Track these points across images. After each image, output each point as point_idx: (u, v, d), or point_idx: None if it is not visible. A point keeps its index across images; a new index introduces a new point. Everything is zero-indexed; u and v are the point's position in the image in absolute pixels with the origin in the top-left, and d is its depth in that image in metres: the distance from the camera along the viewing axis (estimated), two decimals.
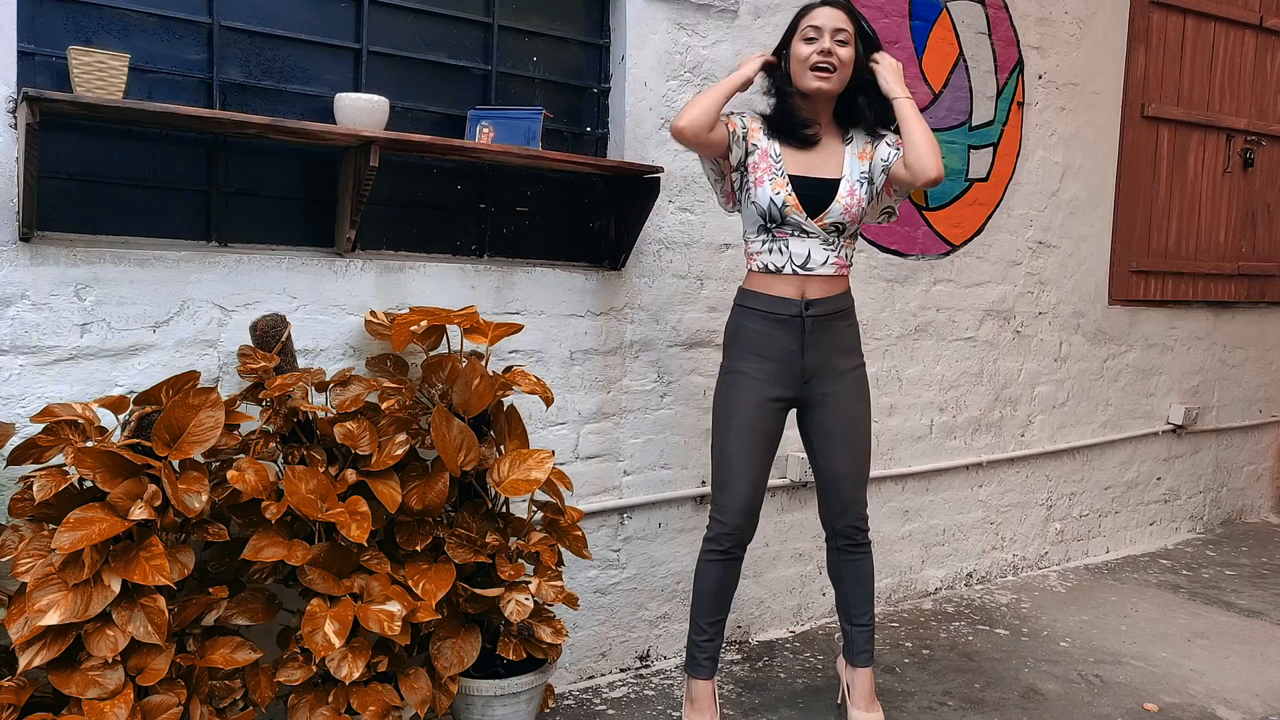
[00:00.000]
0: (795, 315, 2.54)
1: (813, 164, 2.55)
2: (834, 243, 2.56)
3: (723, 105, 2.46)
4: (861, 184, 2.56)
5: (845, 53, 2.48)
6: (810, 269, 2.54)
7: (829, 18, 2.48)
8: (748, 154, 2.55)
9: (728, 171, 2.60)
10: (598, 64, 3.03)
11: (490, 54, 2.83)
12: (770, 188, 2.51)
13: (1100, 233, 4.35)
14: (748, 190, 2.56)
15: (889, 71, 2.54)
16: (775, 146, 2.55)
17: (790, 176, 2.51)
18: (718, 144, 2.51)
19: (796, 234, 2.53)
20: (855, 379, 2.63)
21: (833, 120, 2.60)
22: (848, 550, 2.70)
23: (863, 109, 2.57)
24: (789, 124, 2.55)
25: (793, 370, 2.57)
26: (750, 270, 2.62)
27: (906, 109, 2.50)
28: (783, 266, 2.55)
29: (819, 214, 2.51)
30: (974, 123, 3.84)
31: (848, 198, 2.52)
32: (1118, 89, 4.34)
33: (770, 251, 2.56)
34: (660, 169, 2.86)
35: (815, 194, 2.51)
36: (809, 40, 2.48)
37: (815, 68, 2.47)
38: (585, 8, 3.00)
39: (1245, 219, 4.95)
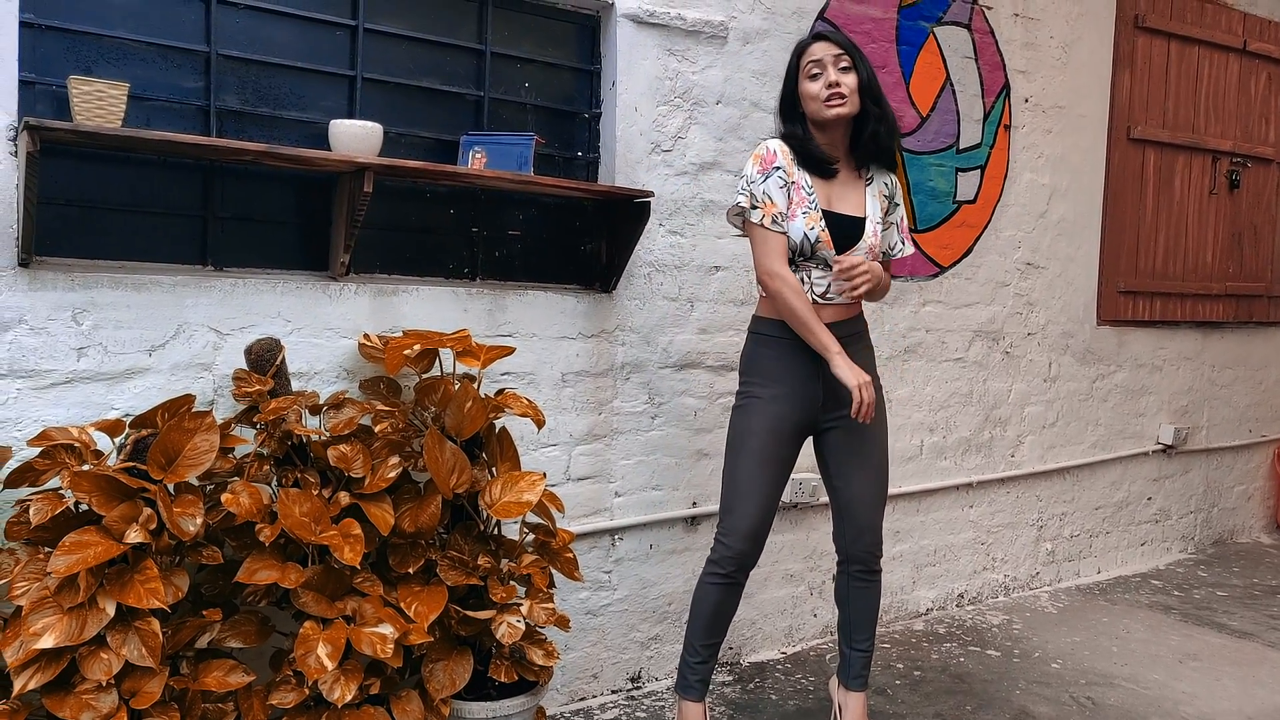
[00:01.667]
0: None
1: (837, 198, 2.57)
2: None
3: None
4: (882, 225, 2.61)
5: (850, 79, 2.51)
6: (829, 298, 2.56)
7: (826, 50, 2.52)
8: (789, 194, 2.53)
9: None
10: (589, 89, 3.07)
11: (483, 80, 2.87)
12: (805, 222, 2.50)
13: (1088, 254, 4.39)
14: (788, 224, 2.52)
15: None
16: (806, 178, 2.54)
17: (824, 212, 2.52)
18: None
19: (819, 266, 2.55)
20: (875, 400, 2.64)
21: (849, 151, 2.60)
22: (860, 576, 2.70)
23: (876, 141, 2.57)
24: (815, 159, 2.55)
25: (810, 395, 2.58)
26: (763, 297, 2.61)
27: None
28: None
29: (845, 250, 2.53)
30: (961, 145, 3.89)
31: (873, 238, 2.56)
32: (1103, 112, 4.39)
33: None
34: (650, 193, 2.89)
35: (844, 231, 2.53)
36: (814, 77, 2.51)
37: (829, 99, 2.49)
38: (576, 34, 3.04)
39: (1232, 240, 5.00)
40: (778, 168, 2.51)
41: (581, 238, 3.06)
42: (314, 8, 2.60)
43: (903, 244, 2.73)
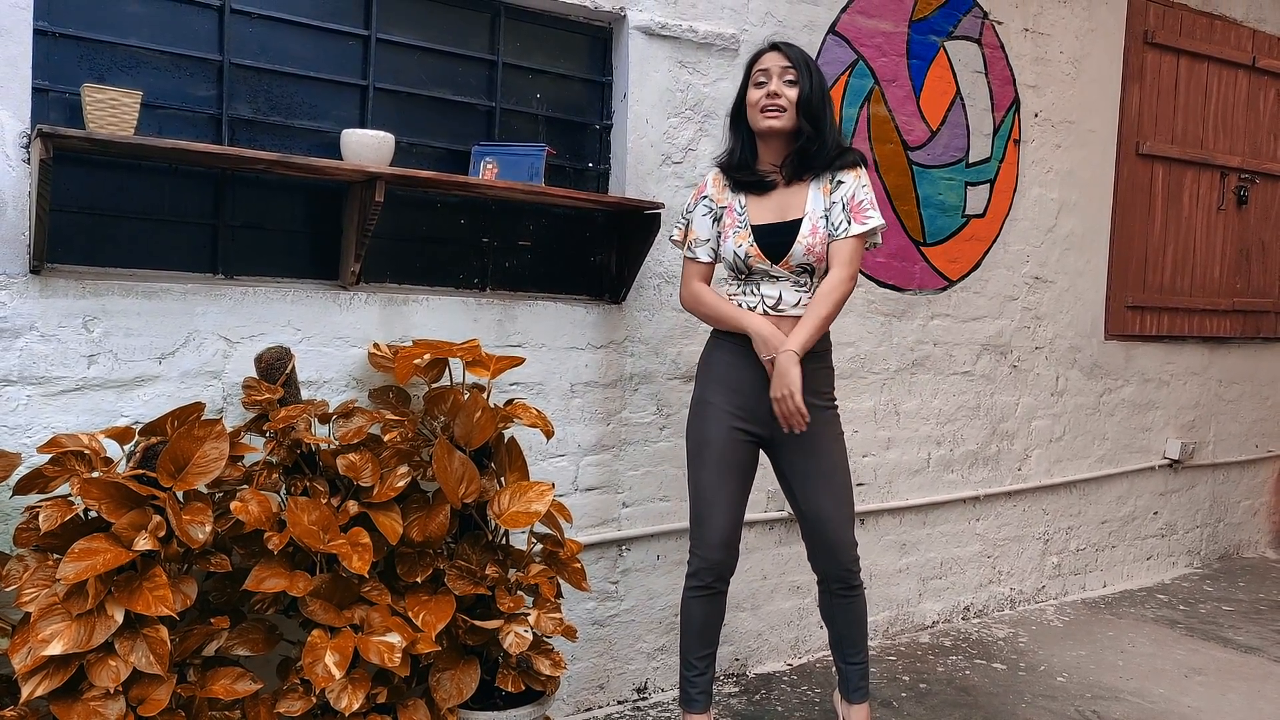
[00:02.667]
0: None
1: (778, 208, 2.58)
2: (806, 284, 2.58)
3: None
4: (825, 220, 2.57)
5: (793, 92, 2.53)
6: (782, 310, 2.57)
7: (774, 60, 2.55)
8: (719, 219, 2.63)
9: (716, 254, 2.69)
10: (600, 101, 3.08)
11: (494, 91, 2.88)
12: (733, 241, 2.57)
13: (1096, 268, 4.39)
14: (722, 245, 2.63)
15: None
16: (740, 200, 2.61)
17: (753, 226, 2.56)
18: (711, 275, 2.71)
19: (766, 279, 2.57)
20: (827, 419, 2.62)
21: (793, 159, 2.59)
22: (840, 594, 2.69)
23: (803, 158, 2.56)
24: (746, 172, 2.60)
25: (761, 406, 2.58)
26: None
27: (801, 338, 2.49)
28: (755, 307, 2.58)
29: (782, 258, 2.54)
30: (971, 159, 3.89)
31: (810, 237, 2.53)
32: (1113, 127, 4.40)
33: (744, 293, 2.61)
34: (661, 205, 2.90)
35: (777, 240, 2.54)
36: (759, 85, 2.55)
37: (765, 109, 2.53)
38: (588, 46, 3.05)
39: (1240, 255, 4.99)
40: (705, 197, 2.66)
41: (592, 249, 3.07)
42: (327, 17, 2.61)
43: (849, 224, 2.52)
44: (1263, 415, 5.27)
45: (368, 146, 2.47)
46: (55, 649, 1.87)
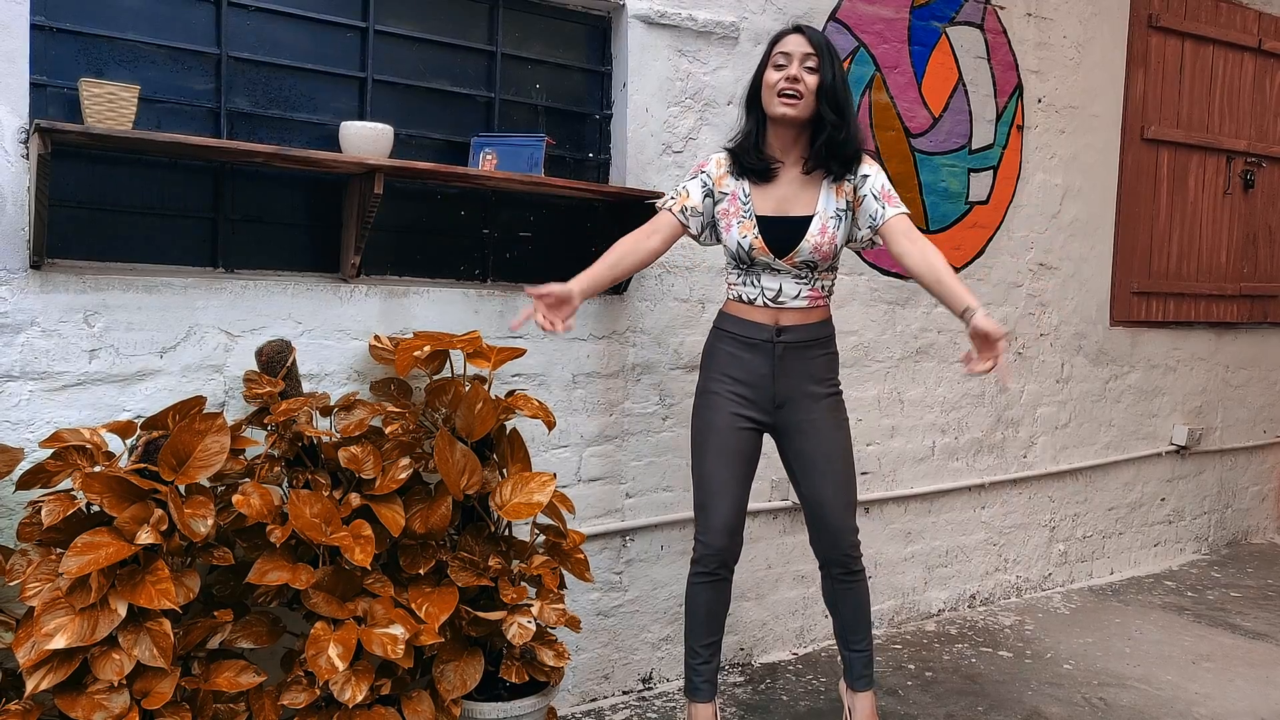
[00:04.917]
0: (767, 340, 2.56)
1: (784, 201, 2.55)
2: (807, 277, 2.57)
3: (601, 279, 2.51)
4: (837, 220, 2.54)
5: (812, 80, 2.49)
6: (782, 302, 2.57)
7: (798, 44, 2.50)
8: (716, 201, 2.59)
9: (701, 232, 2.65)
10: (600, 91, 3.07)
11: (493, 81, 2.87)
12: (738, 231, 2.54)
13: (1101, 254, 4.37)
14: (719, 233, 2.62)
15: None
16: (744, 187, 2.57)
17: (759, 218, 2.53)
18: (670, 239, 2.59)
19: (768, 271, 2.56)
20: (830, 406, 2.62)
21: (806, 152, 2.56)
22: (842, 579, 2.69)
23: (830, 149, 2.51)
24: (752, 157, 2.55)
25: (764, 394, 2.59)
26: (728, 297, 2.65)
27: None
28: (755, 299, 2.58)
29: (787, 254, 2.52)
30: (974, 146, 3.88)
31: (818, 236, 2.51)
32: (1117, 112, 4.37)
33: (744, 284, 2.60)
34: (662, 194, 2.88)
35: (784, 234, 2.52)
36: (778, 67, 2.50)
37: (782, 94, 2.48)
38: (587, 35, 3.04)
39: (1246, 240, 4.97)
40: (703, 173, 2.62)
41: (593, 239, 3.06)
42: (324, 9, 2.61)
43: (883, 208, 2.51)
44: (1270, 401, 5.25)
45: (366, 139, 2.47)
46: (59, 643, 1.87)
